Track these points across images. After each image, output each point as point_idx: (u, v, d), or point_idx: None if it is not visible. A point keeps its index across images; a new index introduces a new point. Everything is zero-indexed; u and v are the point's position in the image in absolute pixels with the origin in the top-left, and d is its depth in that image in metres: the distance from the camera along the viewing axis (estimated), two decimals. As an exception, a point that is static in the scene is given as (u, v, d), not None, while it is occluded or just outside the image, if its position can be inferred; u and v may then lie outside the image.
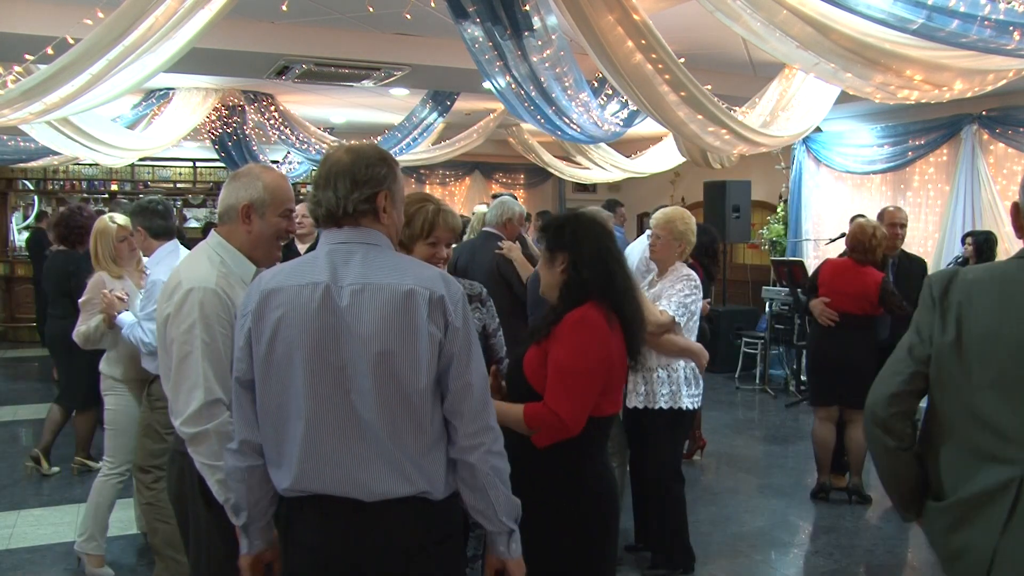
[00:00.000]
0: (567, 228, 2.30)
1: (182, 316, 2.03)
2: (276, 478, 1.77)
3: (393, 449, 1.68)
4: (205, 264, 2.12)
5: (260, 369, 1.73)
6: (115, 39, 3.56)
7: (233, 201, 2.15)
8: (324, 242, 1.77)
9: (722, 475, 5.41)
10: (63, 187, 11.09)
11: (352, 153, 1.78)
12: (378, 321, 1.66)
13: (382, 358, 1.66)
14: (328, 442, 1.68)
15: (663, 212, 3.69)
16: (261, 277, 1.78)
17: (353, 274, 1.70)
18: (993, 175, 6.81)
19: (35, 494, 4.75)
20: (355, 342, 1.66)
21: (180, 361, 2.02)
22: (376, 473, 1.68)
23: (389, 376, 1.67)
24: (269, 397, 1.73)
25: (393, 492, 1.69)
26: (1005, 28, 3.26)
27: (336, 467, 1.68)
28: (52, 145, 6.76)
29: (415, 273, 1.72)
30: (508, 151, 10.84)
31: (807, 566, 4.06)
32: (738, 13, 3.64)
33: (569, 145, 9.09)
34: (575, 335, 2.17)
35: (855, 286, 4.61)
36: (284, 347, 1.69)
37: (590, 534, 2.23)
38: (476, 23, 4.12)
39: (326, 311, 1.67)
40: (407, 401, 1.68)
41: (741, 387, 8.03)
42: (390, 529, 1.70)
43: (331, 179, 1.74)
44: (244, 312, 1.76)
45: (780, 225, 8.94)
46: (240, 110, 8.25)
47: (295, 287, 1.70)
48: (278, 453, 1.75)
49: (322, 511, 1.72)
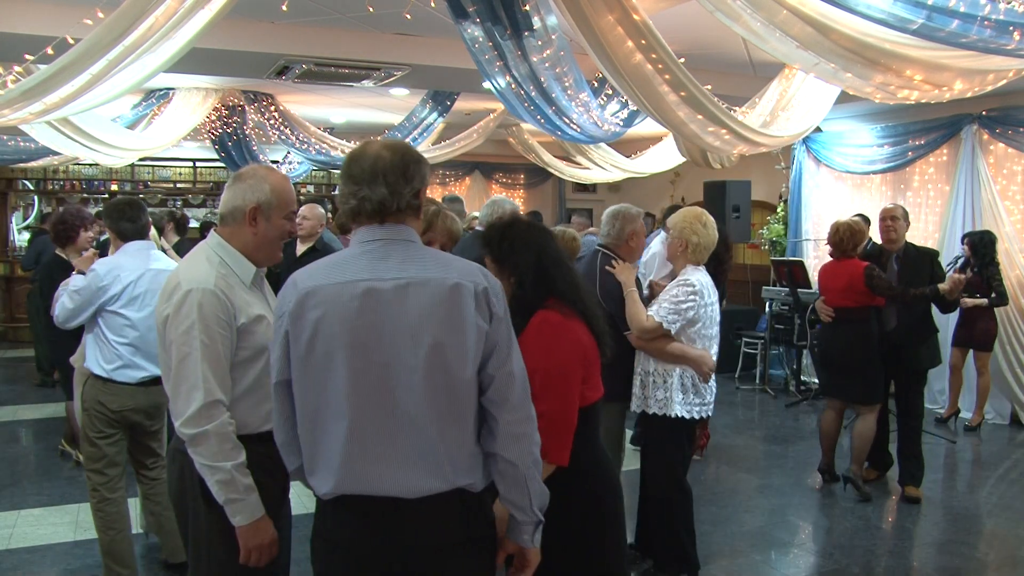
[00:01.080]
0: (504, 241, 2.30)
1: (181, 317, 2.03)
2: (315, 482, 1.75)
3: (438, 444, 1.69)
4: (204, 265, 2.11)
5: (298, 370, 1.72)
6: (115, 39, 3.56)
7: (239, 203, 2.14)
8: (360, 239, 1.75)
9: (722, 475, 5.41)
10: (63, 187, 11.09)
11: (392, 150, 1.76)
12: (426, 315, 1.67)
13: (434, 351, 1.67)
14: (372, 441, 1.68)
15: (678, 210, 3.66)
16: (295, 278, 1.75)
17: (394, 270, 1.70)
18: (993, 175, 6.81)
19: (35, 494, 4.75)
20: (401, 338, 1.66)
21: (179, 362, 2.02)
22: (419, 470, 1.69)
23: (440, 369, 1.68)
24: (308, 398, 1.72)
25: (436, 488, 1.70)
26: (1005, 28, 3.26)
27: (380, 466, 1.68)
28: (52, 145, 6.76)
29: (457, 267, 1.74)
30: (508, 151, 10.84)
31: (807, 566, 4.06)
32: (738, 13, 3.63)
33: (569, 145, 9.08)
34: (540, 339, 2.19)
35: (840, 280, 4.86)
36: (324, 347, 1.68)
37: (590, 518, 2.24)
38: (476, 23, 4.12)
39: (368, 309, 1.67)
40: (454, 394, 1.70)
41: (741, 387, 8.03)
42: (432, 525, 1.71)
43: (378, 174, 1.72)
44: (280, 314, 1.74)
45: (780, 225, 8.94)
46: (240, 110, 8.25)
47: (334, 286, 1.69)
48: (316, 456, 1.74)
49: (359, 510, 1.71)
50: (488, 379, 1.74)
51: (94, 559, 3.85)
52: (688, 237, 3.46)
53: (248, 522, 2.04)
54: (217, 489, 2.01)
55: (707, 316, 3.40)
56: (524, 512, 1.80)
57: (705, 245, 3.47)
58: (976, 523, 4.63)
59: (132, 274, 3.36)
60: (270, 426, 2.16)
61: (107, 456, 3.38)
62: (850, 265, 4.81)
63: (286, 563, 2.31)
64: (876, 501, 4.87)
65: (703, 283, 3.41)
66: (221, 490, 2.01)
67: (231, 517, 2.03)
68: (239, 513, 2.03)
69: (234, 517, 2.03)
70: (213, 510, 2.05)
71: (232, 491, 2.01)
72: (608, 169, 9.65)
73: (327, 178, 12.30)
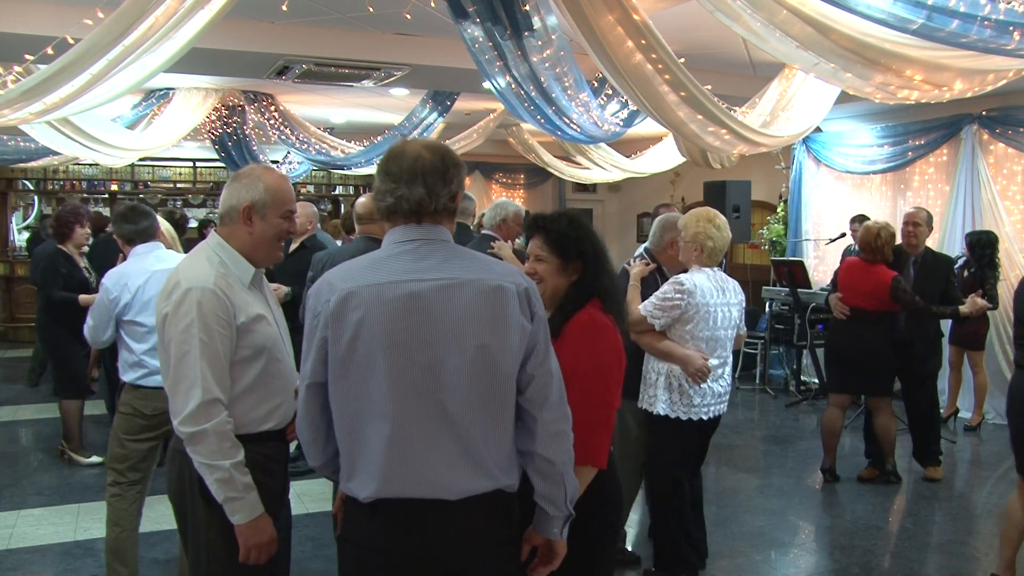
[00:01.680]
0: (577, 234, 2.31)
1: (180, 315, 2.03)
2: (354, 487, 1.72)
3: (480, 445, 1.70)
4: (204, 264, 2.12)
5: (337, 372, 1.69)
6: (115, 39, 3.56)
7: (234, 202, 2.15)
8: (396, 239, 1.75)
9: (722, 475, 5.41)
10: (63, 187, 11.09)
11: (433, 151, 1.76)
12: (471, 315, 1.68)
13: (480, 352, 1.68)
14: (415, 443, 1.67)
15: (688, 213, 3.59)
16: (329, 279, 1.73)
17: (435, 270, 1.70)
18: (993, 175, 6.81)
19: (35, 494, 4.75)
20: (444, 338, 1.67)
21: (178, 360, 2.02)
22: (463, 471, 1.69)
23: (486, 370, 1.69)
24: (348, 401, 1.70)
25: (479, 488, 1.71)
26: (1005, 28, 3.26)
27: (424, 468, 1.67)
28: (52, 145, 6.76)
29: (498, 268, 1.76)
30: (508, 151, 10.83)
31: (807, 566, 4.06)
32: (738, 13, 3.63)
33: (569, 145, 9.08)
34: (586, 339, 2.19)
35: (867, 284, 4.89)
36: (365, 348, 1.66)
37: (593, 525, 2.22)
38: (476, 23, 4.12)
39: (411, 310, 1.66)
40: (498, 394, 1.71)
41: (741, 387, 8.03)
42: (471, 526, 1.72)
43: (418, 174, 1.72)
44: (316, 314, 1.70)
45: (780, 225, 8.93)
46: (240, 110, 8.25)
47: (374, 287, 1.67)
48: (355, 460, 1.72)
49: (397, 514, 1.70)
50: (528, 378, 1.76)
51: (94, 559, 3.85)
52: (703, 242, 3.38)
53: (247, 520, 2.04)
54: (216, 488, 2.01)
55: (703, 317, 3.32)
56: (557, 507, 1.83)
57: (720, 247, 3.41)
58: (976, 523, 4.63)
59: (139, 279, 3.35)
60: (269, 425, 2.17)
61: (132, 459, 3.36)
62: (879, 271, 4.83)
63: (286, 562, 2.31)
64: (876, 501, 4.87)
65: (698, 283, 3.32)
66: (220, 489, 2.01)
67: (230, 515, 2.03)
68: (238, 512, 2.03)
69: (233, 516, 2.03)
70: (212, 509, 2.05)
71: (231, 489, 2.01)
72: (608, 169, 9.65)
73: (327, 178, 12.30)
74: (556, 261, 2.29)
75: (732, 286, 3.48)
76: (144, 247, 3.45)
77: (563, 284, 2.29)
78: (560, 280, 2.29)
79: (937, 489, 5.13)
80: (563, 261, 2.29)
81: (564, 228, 2.31)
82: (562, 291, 2.30)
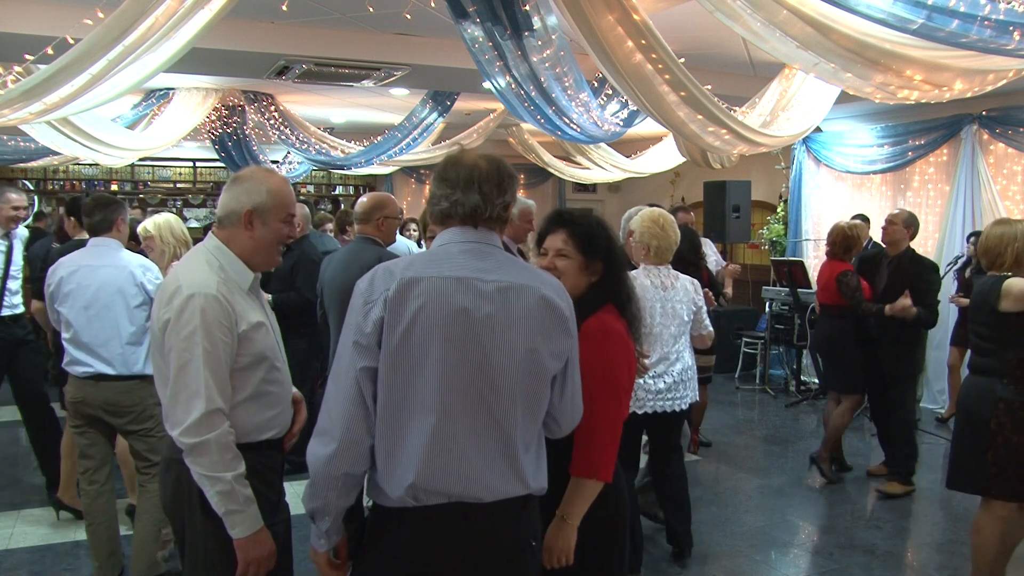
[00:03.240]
0: (605, 234, 2.27)
1: (182, 322, 1.97)
2: (390, 483, 1.70)
3: (518, 448, 1.73)
4: (205, 269, 2.06)
5: (389, 359, 1.68)
6: (115, 39, 3.55)
7: (235, 206, 2.10)
8: (455, 239, 1.78)
9: (722, 475, 5.41)
10: (63, 187, 11.08)
11: (490, 161, 1.82)
12: (526, 319, 1.72)
13: (529, 356, 1.71)
14: (459, 437, 1.68)
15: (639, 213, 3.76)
16: (389, 268, 1.73)
17: (495, 273, 1.73)
18: (993, 175, 6.81)
19: (35, 494, 4.75)
20: (499, 338, 1.69)
21: (179, 369, 1.96)
22: (500, 472, 1.71)
23: (532, 374, 1.72)
24: (395, 389, 1.69)
25: (514, 491, 1.74)
26: (1005, 28, 3.25)
27: (464, 465, 1.68)
28: (52, 145, 6.75)
29: (546, 280, 1.82)
30: (508, 151, 10.81)
31: (807, 566, 4.06)
32: (738, 13, 3.63)
33: (569, 145, 9.08)
34: (598, 347, 2.12)
35: (823, 279, 5.26)
36: (421, 338, 1.67)
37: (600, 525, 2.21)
38: (476, 23, 4.12)
39: (471, 306, 1.69)
40: (538, 399, 1.76)
41: (741, 387, 8.03)
42: (501, 529, 1.74)
43: (474, 182, 1.77)
44: (372, 298, 1.69)
45: (780, 225, 8.94)
46: (240, 110, 8.25)
47: (438, 278, 1.69)
48: (394, 452, 1.69)
49: (427, 522, 1.70)
50: (560, 390, 1.84)
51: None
52: (649, 242, 3.59)
53: (247, 534, 1.99)
54: (217, 500, 1.96)
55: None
56: None
57: (665, 247, 3.59)
58: (976, 523, 4.63)
59: (67, 269, 3.45)
60: (269, 435, 2.12)
61: (80, 446, 3.50)
62: (836, 266, 5.12)
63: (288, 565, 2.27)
64: (876, 501, 4.87)
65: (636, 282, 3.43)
66: (221, 501, 1.95)
67: (230, 529, 1.98)
68: (238, 525, 1.98)
69: (233, 529, 1.98)
70: (210, 520, 2.00)
71: (232, 502, 1.96)
72: (608, 169, 9.65)
73: (327, 178, 12.29)
74: (580, 258, 2.22)
75: (683, 284, 3.60)
76: (96, 240, 3.52)
77: (582, 284, 2.23)
78: (580, 279, 2.23)
79: (937, 489, 5.13)
80: (586, 259, 2.22)
81: (592, 225, 2.27)
82: (580, 291, 2.21)
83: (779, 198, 9.21)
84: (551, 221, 2.32)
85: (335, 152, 8.54)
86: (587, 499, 2.09)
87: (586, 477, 2.09)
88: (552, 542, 2.06)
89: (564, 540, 2.06)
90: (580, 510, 2.08)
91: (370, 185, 12.01)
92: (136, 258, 3.53)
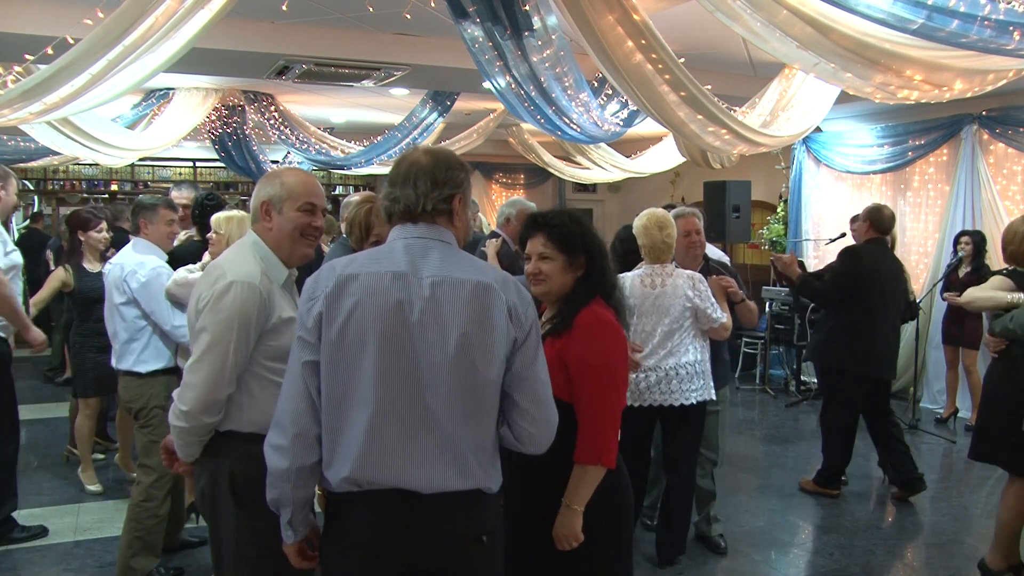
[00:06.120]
0: (581, 229, 2.31)
1: (219, 307, 2.03)
2: (331, 472, 1.74)
3: (460, 442, 1.72)
4: (250, 259, 2.13)
5: (328, 353, 1.72)
6: (115, 39, 3.56)
7: (254, 201, 2.21)
8: (399, 236, 1.81)
9: (722, 475, 5.39)
10: (63, 187, 11.09)
11: (431, 155, 1.83)
12: (458, 312, 1.71)
13: (461, 348, 1.70)
14: (393, 431, 1.70)
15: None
16: (332, 264, 1.78)
17: (432, 267, 1.75)
18: (993, 175, 6.81)
19: (35, 494, 4.75)
20: (433, 332, 1.70)
21: (205, 350, 2.03)
22: (437, 466, 1.71)
23: (466, 366, 1.71)
24: (336, 383, 1.72)
25: (454, 485, 1.72)
26: (1005, 28, 3.25)
27: (399, 457, 1.69)
28: (52, 145, 6.76)
29: (491, 273, 1.80)
30: (508, 151, 10.83)
31: (807, 566, 4.06)
32: (738, 13, 3.63)
33: (569, 145, 9.08)
34: (593, 336, 2.19)
35: None
36: (357, 333, 1.70)
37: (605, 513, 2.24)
38: (476, 23, 4.12)
39: (405, 300, 1.71)
40: (477, 392, 1.73)
41: (741, 387, 8.03)
42: (446, 521, 1.73)
43: (411, 177, 1.79)
44: (314, 295, 1.74)
45: (780, 225, 8.94)
46: (240, 110, 8.25)
47: (373, 274, 1.72)
48: (335, 443, 1.74)
49: (373, 507, 1.72)
50: (518, 380, 1.79)
51: (94, 559, 3.86)
52: (641, 241, 3.65)
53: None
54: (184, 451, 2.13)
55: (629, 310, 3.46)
56: None
57: (653, 245, 3.61)
58: (976, 523, 4.63)
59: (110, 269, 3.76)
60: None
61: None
62: None
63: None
64: (876, 501, 4.87)
65: (627, 281, 3.56)
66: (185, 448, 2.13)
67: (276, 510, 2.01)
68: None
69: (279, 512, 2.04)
70: (243, 510, 2.05)
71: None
72: (608, 169, 9.65)
73: (327, 178, 12.29)
74: (562, 258, 2.27)
75: (675, 281, 3.61)
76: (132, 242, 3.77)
77: (570, 281, 2.29)
78: (567, 277, 2.28)
79: (937, 489, 5.13)
80: (569, 257, 2.28)
81: (567, 223, 2.31)
82: (569, 287, 2.29)
83: (779, 198, 9.21)
84: (527, 226, 2.38)
85: (335, 152, 8.54)
86: (591, 485, 2.15)
87: (589, 464, 2.15)
88: (559, 529, 2.14)
89: (569, 526, 2.14)
90: (584, 496, 2.15)
91: (370, 185, 12.02)
92: (132, 257, 3.66)
